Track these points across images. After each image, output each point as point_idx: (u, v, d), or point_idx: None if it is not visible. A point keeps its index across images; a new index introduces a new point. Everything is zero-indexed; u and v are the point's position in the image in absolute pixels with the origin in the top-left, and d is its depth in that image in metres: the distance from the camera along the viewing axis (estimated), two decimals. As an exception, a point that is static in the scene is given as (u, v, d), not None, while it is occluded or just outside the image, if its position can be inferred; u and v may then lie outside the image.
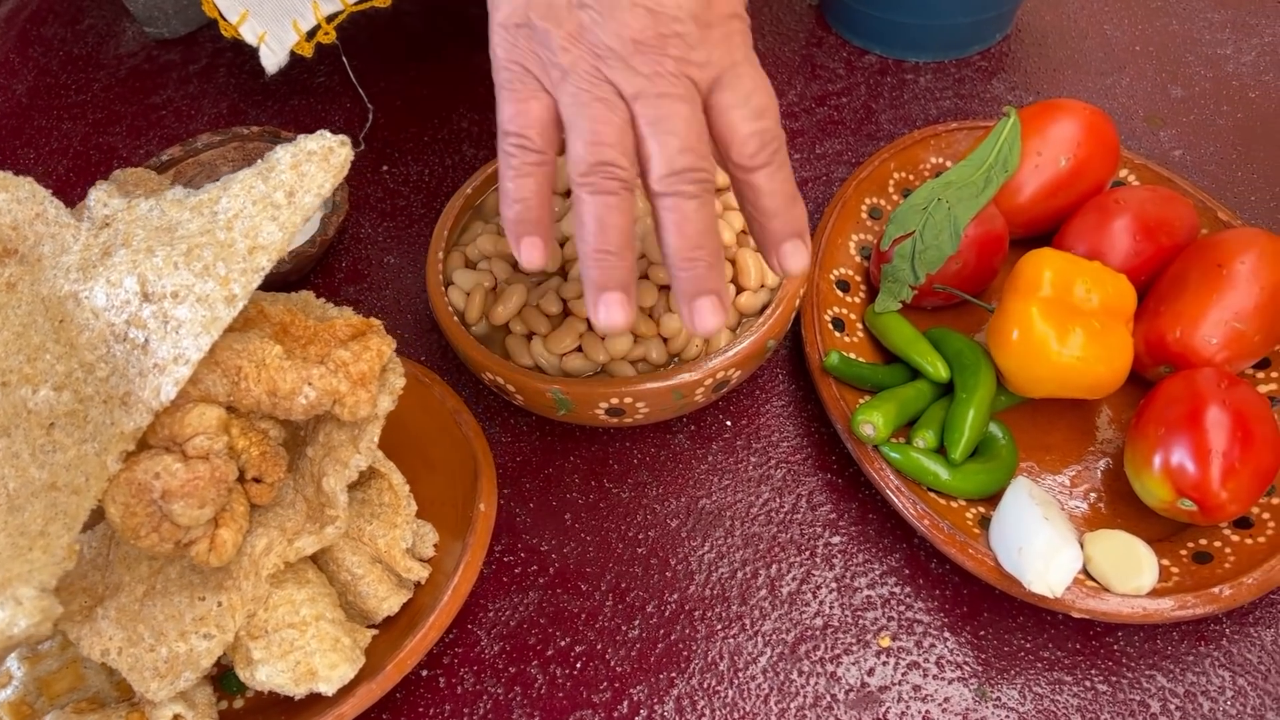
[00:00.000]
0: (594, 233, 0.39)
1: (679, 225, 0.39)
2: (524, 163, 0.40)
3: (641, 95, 0.38)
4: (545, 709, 0.46)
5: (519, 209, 0.40)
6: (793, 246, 0.41)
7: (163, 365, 0.39)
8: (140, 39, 0.76)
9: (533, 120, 0.40)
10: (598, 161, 0.38)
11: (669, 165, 0.38)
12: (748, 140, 0.39)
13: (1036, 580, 0.43)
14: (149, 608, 0.42)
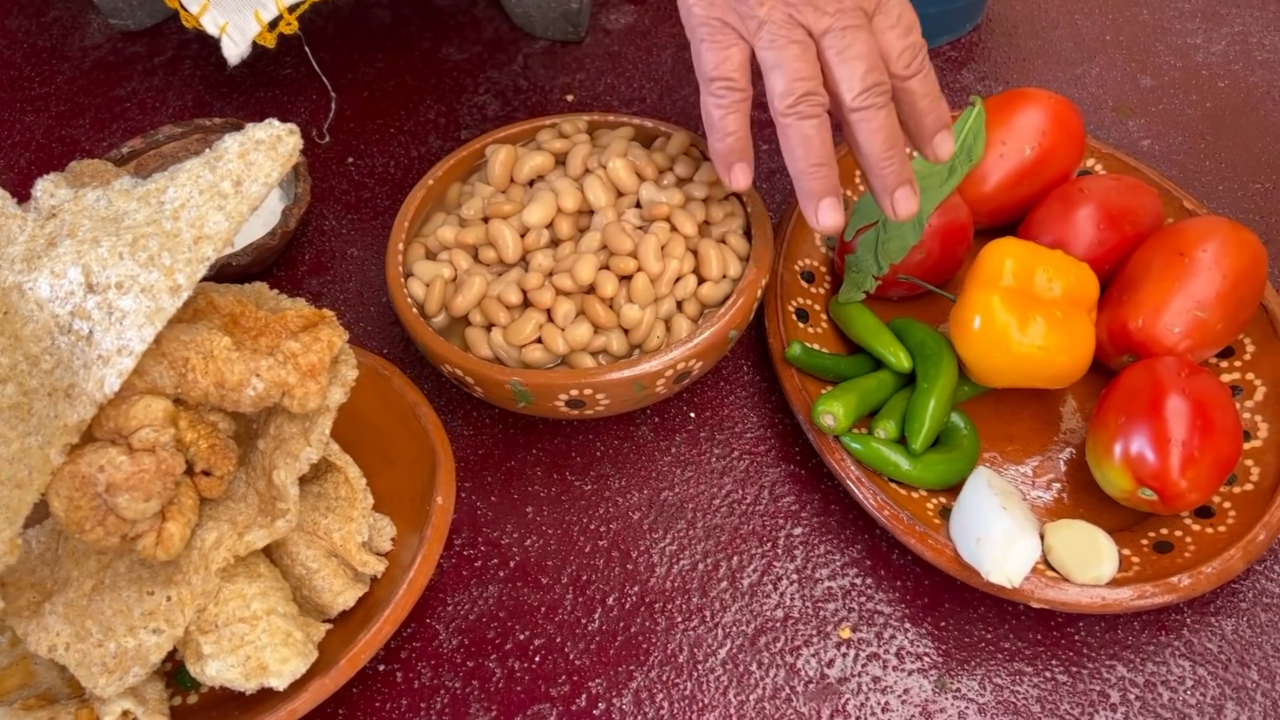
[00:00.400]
0: (804, 151, 0.46)
1: (874, 133, 0.46)
2: (731, 101, 0.47)
3: (829, 31, 0.45)
4: (503, 703, 0.45)
5: (730, 141, 0.47)
6: (942, 137, 0.48)
7: (106, 357, 0.38)
8: (105, 31, 0.75)
9: (735, 65, 0.46)
10: (801, 94, 0.45)
11: (861, 84, 0.45)
12: (903, 53, 0.46)
13: (994, 570, 0.43)
14: (97, 603, 0.41)
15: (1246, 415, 0.50)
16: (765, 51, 0.46)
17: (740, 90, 0.47)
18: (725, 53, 0.46)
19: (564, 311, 0.50)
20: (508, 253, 0.52)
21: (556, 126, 0.58)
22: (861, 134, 0.46)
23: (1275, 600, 0.46)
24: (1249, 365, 0.51)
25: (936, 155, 0.48)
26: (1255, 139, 0.64)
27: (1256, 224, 0.60)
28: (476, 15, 0.75)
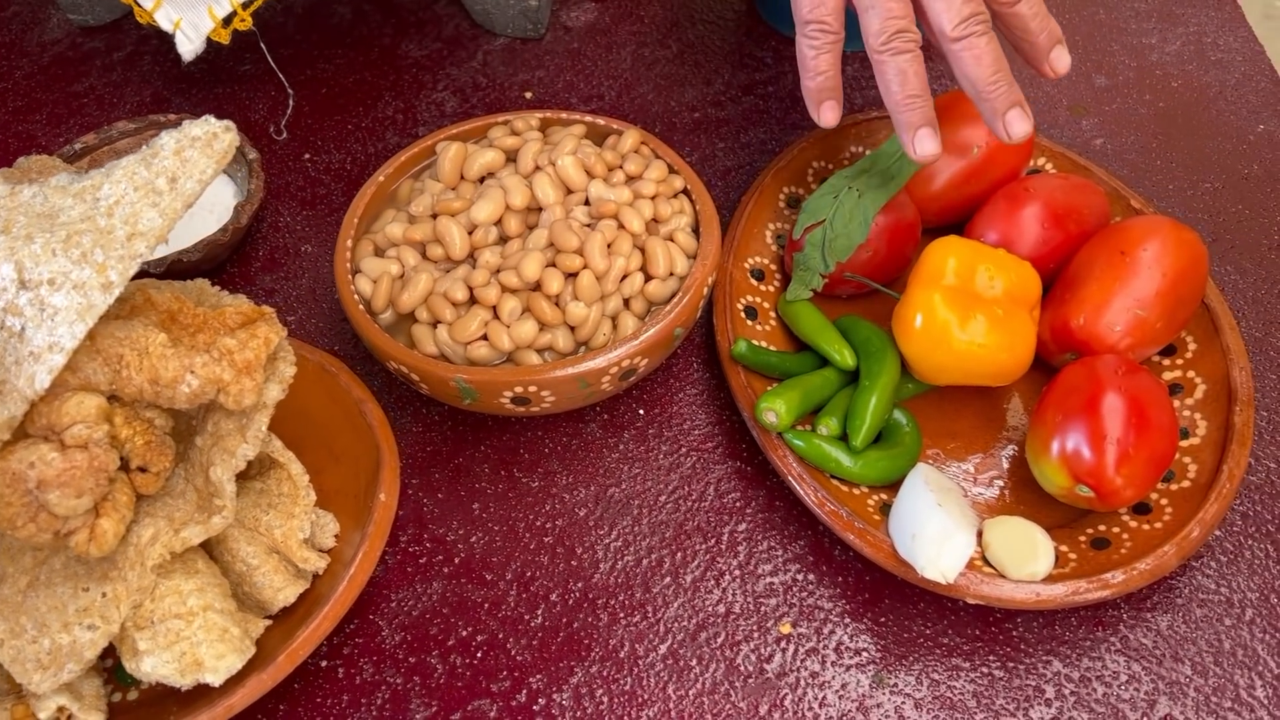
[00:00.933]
0: (900, 84, 0.48)
1: (979, 59, 0.47)
2: (825, 42, 0.49)
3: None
4: (443, 699, 0.45)
5: (821, 79, 0.50)
6: (1058, 52, 0.50)
7: (38, 353, 0.38)
8: (64, 26, 0.75)
9: (830, 8, 0.49)
10: (894, 31, 0.47)
11: (959, 14, 0.47)
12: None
13: (929, 566, 0.43)
14: (32, 599, 0.41)
15: (1186, 413, 0.50)
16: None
17: (834, 32, 0.49)
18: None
19: (509, 309, 0.50)
20: (455, 249, 0.52)
21: (509, 123, 0.58)
22: (965, 63, 0.48)
23: (1210, 597, 0.47)
24: (1190, 363, 0.52)
25: (1055, 70, 0.50)
26: (1206, 139, 0.64)
27: (1204, 223, 0.60)
28: (437, 12, 0.75)
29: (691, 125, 0.67)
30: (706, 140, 0.66)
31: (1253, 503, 0.50)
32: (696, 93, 0.69)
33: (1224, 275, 0.58)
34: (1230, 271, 0.58)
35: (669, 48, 0.72)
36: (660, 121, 0.67)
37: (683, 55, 0.71)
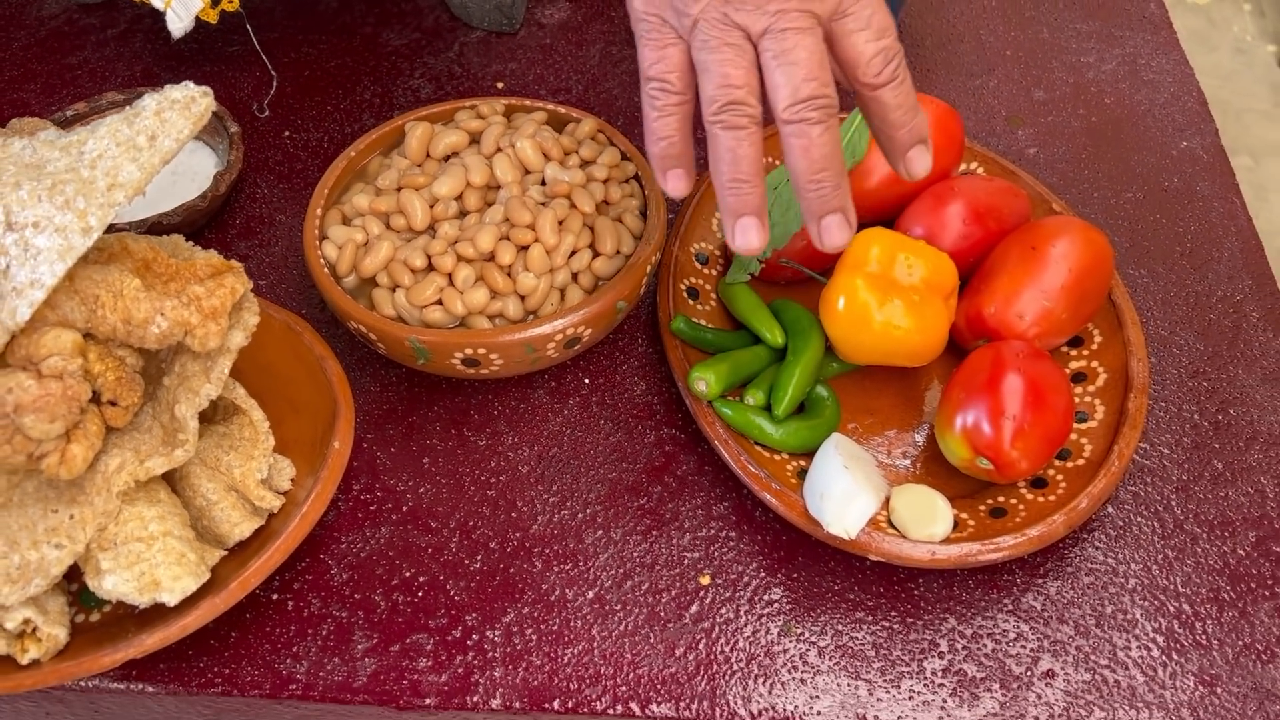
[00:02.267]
0: (729, 164, 0.43)
1: (805, 150, 0.43)
2: (667, 103, 0.44)
3: (768, 32, 0.43)
4: (384, 632, 0.49)
5: (664, 145, 0.45)
6: (917, 151, 0.46)
7: (20, 289, 0.42)
8: (62, 2, 0.79)
9: (673, 65, 0.44)
10: (728, 101, 0.43)
11: (795, 94, 0.42)
12: (873, 59, 0.44)
13: (834, 523, 0.47)
14: (4, 519, 0.45)
15: (1088, 399, 0.54)
16: (698, 53, 0.44)
17: (676, 93, 0.45)
18: (661, 52, 0.44)
19: (463, 276, 0.54)
20: (416, 220, 0.56)
21: (475, 108, 0.62)
22: (790, 150, 0.43)
23: (1098, 566, 0.51)
24: (1095, 354, 0.56)
25: (910, 173, 0.46)
26: (1132, 152, 0.69)
27: (1124, 229, 0.65)
28: (418, 4, 0.79)
29: (652, 120, 0.71)
30: (665, 134, 0.70)
31: (1144, 484, 0.54)
32: (659, 90, 0.73)
33: (1137, 278, 0.62)
34: (1144, 275, 0.62)
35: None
36: (623, 115, 0.71)
37: (649, 55, 0.75)
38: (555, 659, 0.48)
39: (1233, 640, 0.49)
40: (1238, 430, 0.56)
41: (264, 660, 0.48)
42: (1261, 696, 0.47)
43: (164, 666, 0.48)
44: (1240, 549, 0.51)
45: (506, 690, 0.47)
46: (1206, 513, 0.53)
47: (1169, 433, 0.56)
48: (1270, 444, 0.55)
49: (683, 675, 0.48)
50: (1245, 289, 0.62)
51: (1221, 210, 0.66)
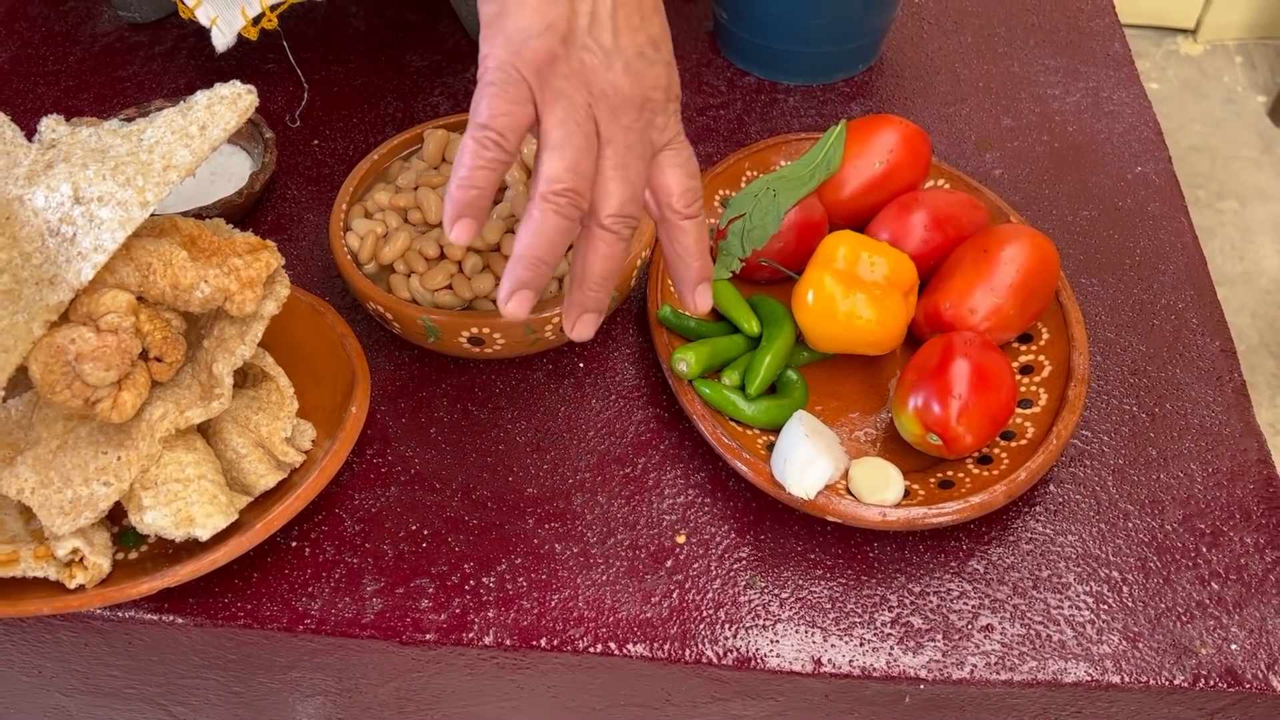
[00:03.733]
0: (540, 241, 0.45)
1: (607, 258, 0.47)
2: (493, 158, 0.44)
3: (613, 142, 0.45)
4: (390, 576, 0.54)
5: (472, 195, 0.44)
6: (703, 288, 0.50)
7: (85, 253, 0.48)
8: (115, 21, 0.86)
9: (514, 124, 0.44)
10: (570, 186, 0.44)
11: (620, 208, 0.46)
12: (684, 194, 0.48)
13: (794, 485, 0.52)
14: (60, 458, 0.51)
15: (1034, 388, 0.60)
16: (555, 129, 0.45)
17: (506, 151, 0.45)
18: (510, 107, 0.44)
19: (471, 264, 0.60)
20: (431, 215, 0.62)
21: (487, 119, 0.68)
22: (593, 252, 0.46)
23: (1037, 535, 0.56)
24: (1042, 349, 0.61)
25: (696, 308, 0.50)
26: (1091, 174, 0.75)
27: (1080, 243, 0.70)
28: (440, 30, 0.86)
29: (650, 137, 0.77)
30: (661, 150, 0.76)
31: (1083, 467, 0.59)
32: (657, 111, 0.79)
33: (1090, 286, 0.68)
34: (1095, 284, 0.68)
35: (638, 72, 0.83)
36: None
37: (649, 79, 0.82)
38: (543, 603, 0.53)
39: (1155, 603, 0.54)
40: (1172, 422, 0.61)
41: (282, 598, 0.54)
42: (1179, 652, 0.52)
43: (193, 601, 0.54)
44: (1168, 525, 0.57)
45: (499, 629, 0.53)
46: (1139, 493, 0.58)
47: (1109, 422, 0.61)
48: (1201, 434, 0.60)
49: (657, 620, 0.53)
50: (1188, 298, 0.67)
51: (1170, 229, 0.71)
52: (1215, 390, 0.62)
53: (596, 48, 0.46)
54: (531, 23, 0.44)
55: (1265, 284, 1.72)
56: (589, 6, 0.45)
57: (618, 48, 0.46)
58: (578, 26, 0.45)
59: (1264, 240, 1.79)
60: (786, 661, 0.52)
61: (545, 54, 0.45)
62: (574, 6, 0.45)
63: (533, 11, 0.44)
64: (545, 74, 0.45)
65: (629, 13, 0.46)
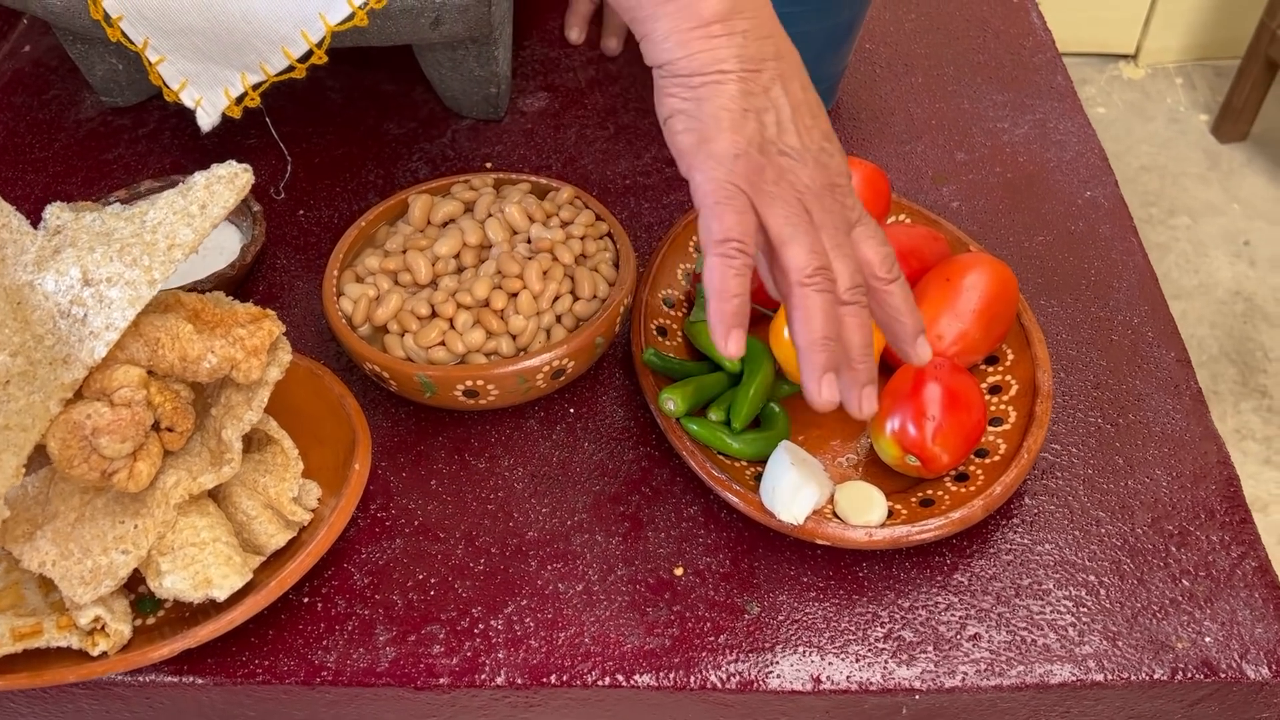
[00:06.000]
0: (821, 321, 0.49)
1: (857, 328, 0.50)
2: (744, 264, 0.48)
3: (825, 226, 0.50)
4: (402, 625, 0.56)
5: (736, 303, 0.48)
6: (921, 340, 0.54)
7: (97, 332, 0.51)
8: (98, 106, 0.89)
9: (748, 230, 0.48)
10: (820, 266, 0.49)
11: (852, 280, 0.50)
12: (883, 262, 0.52)
13: (784, 511, 0.55)
14: (79, 530, 0.53)
15: (1003, 406, 0.63)
16: (784, 226, 0.49)
17: (750, 255, 0.48)
18: (742, 217, 0.48)
19: (463, 320, 0.62)
20: (421, 276, 0.65)
21: (468, 181, 0.71)
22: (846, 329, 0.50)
23: (1015, 546, 0.59)
24: (1009, 370, 0.65)
25: (920, 359, 0.53)
26: (1042, 202, 0.79)
27: (1037, 267, 0.74)
28: (414, 97, 0.89)
29: (622, 190, 0.81)
30: (635, 201, 0.80)
31: (1055, 479, 0.62)
32: (628, 164, 0.83)
33: (1049, 307, 0.72)
34: (1054, 305, 0.72)
35: (607, 129, 0.86)
36: (597, 186, 0.81)
37: (618, 135, 0.86)
38: (551, 641, 0.56)
39: (1132, 603, 0.56)
40: (1136, 431, 0.64)
41: (298, 653, 0.56)
42: (1157, 647, 0.55)
43: (211, 661, 0.55)
44: (1138, 528, 0.60)
45: (510, 669, 0.55)
46: (1109, 500, 0.61)
47: (1076, 434, 0.64)
48: (1164, 441, 0.64)
49: (660, 650, 0.55)
50: (1142, 313, 0.71)
51: (1121, 249, 0.75)
52: (1174, 399, 0.66)
53: (790, 150, 0.51)
54: (732, 142, 0.49)
55: (1221, 295, 1.78)
56: (773, 118, 0.50)
57: (805, 147, 0.51)
58: (768, 136, 0.50)
59: (1216, 253, 1.85)
60: (787, 682, 0.54)
61: (753, 166, 0.49)
62: (761, 119, 0.50)
63: (730, 132, 0.49)
64: (756, 183, 0.49)
65: (802, 115, 0.52)
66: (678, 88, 0.50)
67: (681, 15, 0.50)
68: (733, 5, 0.50)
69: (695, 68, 0.50)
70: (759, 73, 0.50)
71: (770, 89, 0.51)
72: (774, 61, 0.51)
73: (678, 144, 0.50)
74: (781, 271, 0.50)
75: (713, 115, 0.49)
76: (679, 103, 0.50)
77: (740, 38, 0.50)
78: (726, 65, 0.50)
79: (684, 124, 0.50)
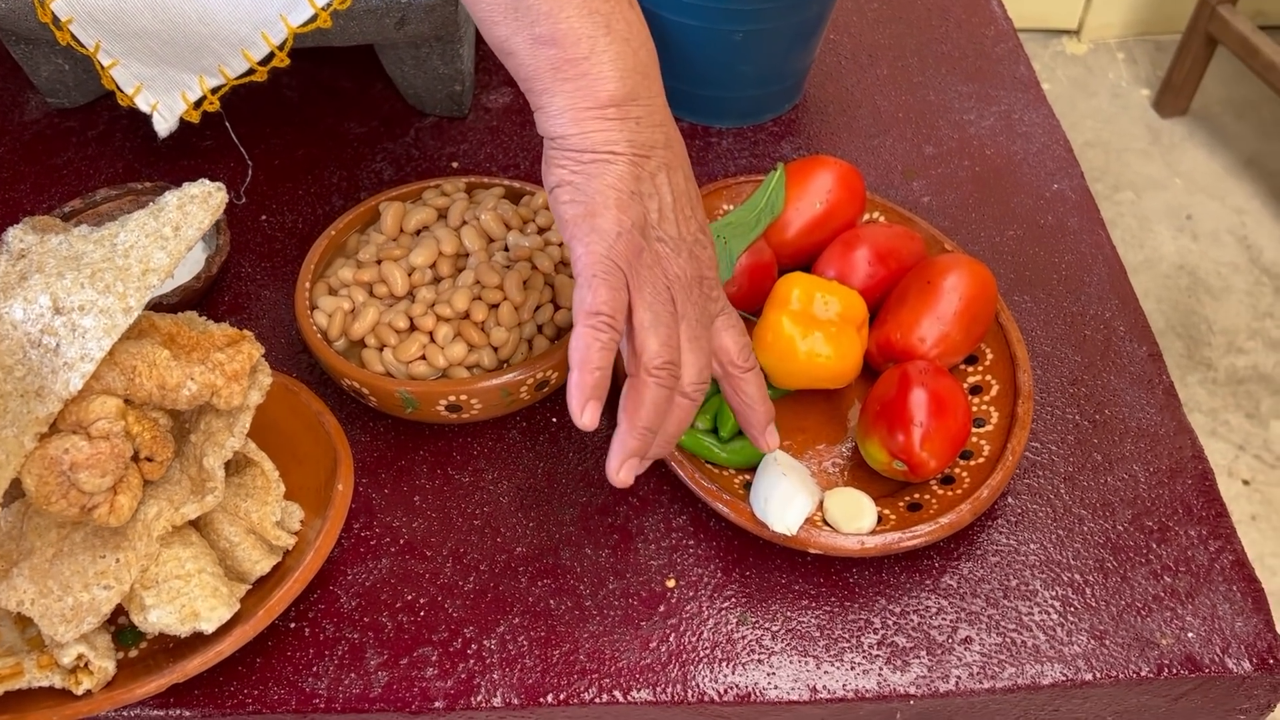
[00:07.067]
0: (650, 412, 0.50)
1: (681, 421, 0.52)
2: (610, 339, 0.48)
3: (686, 318, 0.52)
4: (393, 648, 0.56)
5: (598, 376, 0.48)
6: (771, 429, 0.57)
7: (71, 363, 0.49)
8: (43, 108, 0.85)
9: (620, 306, 0.49)
10: (670, 359, 0.50)
11: (698, 376, 0.52)
12: (740, 351, 0.55)
13: (777, 522, 0.55)
14: (57, 566, 0.51)
15: (985, 407, 0.63)
16: (646, 311, 0.50)
17: (618, 331, 0.49)
18: (615, 293, 0.49)
19: (443, 334, 0.61)
20: (397, 288, 0.63)
21: (439, 187, 0.70)
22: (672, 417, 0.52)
23: (1002, 548, 0.60)
24: (988, 370, 0.65)
25: (769, 447, 0.56)
26: (1012, 195, 0.79)
27: (1008, 262, 0.75)
28: (374, 95, 0.87)
29: (593, 189, 0.80)
30: (606, 201, 0.79)
31: (1036, 477, 0.63)
32: (598, 162, 0.82)
33: (1022, 303, 0.72)
34: (1027, 300, 0.72)
35: (574, 125, 0.85)
36: (567, 186, 0.80)
37: (586, 131, 0.84)
38: (546, 659, 0.55)
39: (1116, 601, 0.58)
40: (1113, 427, 0.65)
41: (289, 681, 0.55)
42: (1142, 645, 0.56)
43: (199, 693, 0.54)
44: (1119, 525, 0.61)
45: (505, 689, 0.54)
46: (1090, 497, 0.62)
47: (1055, 432, 0.65)
48: (1140, 436, 0.65)
49: (657, 665, 0.55)
50: (1113, 308, 0.72)
51: (1090, 242, 0.76)
52: (1148, 393, 0.67)
53: (667, 238, 0.52)
54: (617, 220, 0.50)
55: (1165, 269, 1.82)
56: (656, 204, 0.52)
57: (680, 237, 0.52)
58: (650, 221, 0.51)
59: (1160, 228, 1.89)
60: (784, 692, 0.54)
61: (634, 246, 0.50)
62: (645, 204, 0.51)
63: (617, 211, 0.50)
64: (634, 263, 0.50)
65: (682, 206, 0.53)
66: (568, 160, 0.51)
67: (579, 95, 0.50)
68: (629, 91, 0.50)
69: (588, 145, 0.50)
70: (648, 158, 0.51)
71: (656, 176, 0.51)
72: (663, 150, 0.52)
73: (562, 213, 0.51)
74: (634, 355, 0.51)
75: (600, 191, 0.50)
76: (567, 174, 0.51)
77: (634, 123, 0.51)
78: (618, 148, 0.50)
79: (570, 195, 0.50)
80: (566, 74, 0.50)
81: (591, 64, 0.50)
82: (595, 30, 0.50)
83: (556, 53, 0.50)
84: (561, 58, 0.50)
